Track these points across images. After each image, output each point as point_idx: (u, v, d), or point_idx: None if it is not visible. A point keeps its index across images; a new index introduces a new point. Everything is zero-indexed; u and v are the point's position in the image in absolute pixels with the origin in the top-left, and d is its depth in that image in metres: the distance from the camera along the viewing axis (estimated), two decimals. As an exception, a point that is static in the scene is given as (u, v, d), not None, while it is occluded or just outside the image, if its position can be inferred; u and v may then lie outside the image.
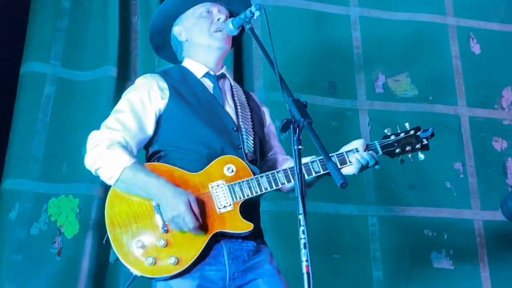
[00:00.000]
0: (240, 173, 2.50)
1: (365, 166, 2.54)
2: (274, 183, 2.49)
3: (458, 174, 4.38)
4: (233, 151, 2.56)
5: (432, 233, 4.21)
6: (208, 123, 2.57)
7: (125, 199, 2.45)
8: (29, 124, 3.91)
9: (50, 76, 4.03)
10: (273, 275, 2.51)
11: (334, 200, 4.16)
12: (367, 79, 4.49)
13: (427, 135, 2.59)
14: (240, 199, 2.46)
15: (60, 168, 3.87)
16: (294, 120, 2.06)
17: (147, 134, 2.58)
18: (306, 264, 1.88)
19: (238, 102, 2.72)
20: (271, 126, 2.90)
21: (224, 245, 2.46)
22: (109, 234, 2.43)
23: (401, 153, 2.60)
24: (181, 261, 2.36)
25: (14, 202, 3.75)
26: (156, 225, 2.41)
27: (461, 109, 4.55)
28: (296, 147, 2.03)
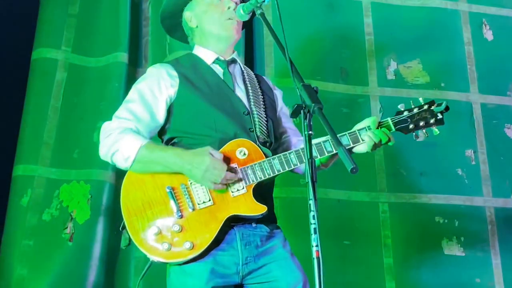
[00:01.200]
0: (252, 156, 2.50)
1: (378, 144, 2.51)
2: (286, 165, 2.48)
3: (469, 161, 4.36)
4: (245, 134, 2.56)
5: (443, 220, 4.20)
6: (219, 108, 2.57)
7: (139, 185, 2.46)
8: (41, 110, 3.93)
9: (61, 62, 4.05)
10: (286, 259, 2.51)
11: (345, 186, 4.16)
12: (378, 66, 4.47)
13: (441, 109, 2.54)
14: (253, 181, 2.46)
15: (71, 154, 3.89)
16: (304, 106, 2.04)
17: (158, 123, 2.59)
18: (316, 249, 1.87)
19: (250, 86, 2.72)
20: (284, 109, 2.89)
21: (237, 231, 2.46)
22: (125, 221, 2.44)
23: (415, 129, 2.56)
24: (196, 246, 2.37)
25: (26, 188, 3.78)
26: (171, 210, 2.42)
27: (473, 96, 4.52)
28: (307, 133, 2.02)
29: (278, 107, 2.86)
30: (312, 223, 1.91)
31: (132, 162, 2.44)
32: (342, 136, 2.51)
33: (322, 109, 2.02)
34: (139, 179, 2.47)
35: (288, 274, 2.47)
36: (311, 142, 2.01)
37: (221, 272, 2.41)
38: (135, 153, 2.42)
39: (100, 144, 2.51)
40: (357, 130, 2.54)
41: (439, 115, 2.56)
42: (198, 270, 2.39)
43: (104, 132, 2.51)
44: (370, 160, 4.23)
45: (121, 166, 2.49)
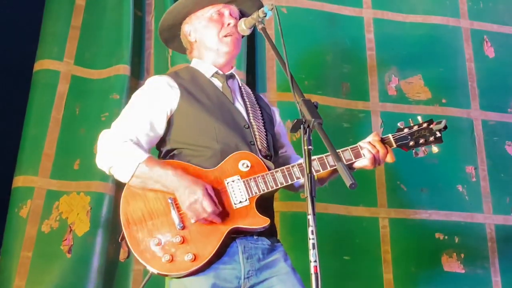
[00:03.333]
0: (255, 168, 2.50)
1: (377, 158, 2.52)
2: (289, 178, 2.48)
3: (470, 177, 4.35)
4: (246, 147, 2.56)
5: (443, 237, 4.18)
6: (221, 120, 2.57)
7: (140, 196, 2.45)
8: (42, 121, 3.93)
9: (63, 73, 4.05)
10: (288, 273, 2.50)
11: (345, 201, 4.15)
12: (380, 81, 4.47)
13: (440, 128, 2.60)
14: (256, 194, 2.46)
15: (72, 166, 3.88)
16: (304, 120, 2.05)
17: (158, 134, 2.58)
18: (314, 264, 1.87)
19: (248, 100, 2.72)
20: (281, 125, 2.91)
21: (239, 243, 2.45)
22: (124, 232, 2.42)
23: (415, 146, 2.62)
24: (198, 258, 2.36)
25: (25, 199, 3.77)
26: (172, 221, 2.40)
27: (474, 113, 4.52)
28: (307, 147, 2.02)
29: (276, 123, 2.86)
30: (310, 238, 1.91)
31: (130, 178, 2.43)
32: (344, 151, 2.53)
33: (321, 124, 2.02)
34: (139, 190, 2.46)
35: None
36: (310, 156, 2.01)
37: (222, 286, 2.39)
38: (134, 169, 2.42)
39: (98, 153, 2.50)
40: (359, 145, 2.55)
41: (437, 134, 2.61)
42: (198, 284, 2.38)
43: (102, 141, 2.50)
44: (370, 175, 4.22)
45: (119, 179, 2.48)
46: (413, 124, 2.62)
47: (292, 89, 2.18)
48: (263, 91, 4.15)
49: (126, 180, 2.45)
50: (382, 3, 4.66)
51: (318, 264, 1.86)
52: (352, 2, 4.63)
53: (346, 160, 2.52)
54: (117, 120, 2.56)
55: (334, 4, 4.57)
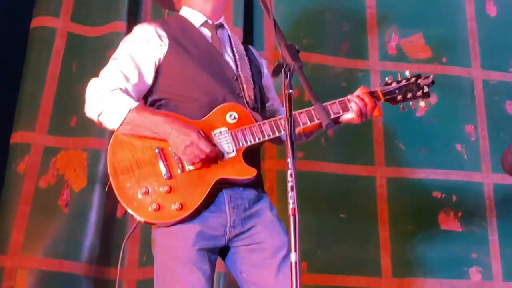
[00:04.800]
0: (242, 120, 2.49)
1: (365, 113, 2.51)
2: (276, 130, 2.48)
3: (469, 136, 4.33)
4: (234, 99, 2.54)
5: (441, 195, 4.17)
6: (209, 71, 2.55)
7: (127, 146, 2.45)
8: (39, 78, 3.94)
9: (60, 30, 4.04)
10: (272, 222, 2.51)
11: (342, 160, 4.15)
12: (380, 40, 4.43)
13: (428, 82, 2.58)
14: (243, 145, 2.45)
15: (69, 123, 3.90)
16: (285, 64, 2.04)
17: (146, 83, 2.56)
18: (293, 206, 1.87)
19: (237, 52, 2.70)
20: (269, 78, 2.88)
21: (226, 194, 2.45)
22: (112, 181, 2.43)
23: (403, 100, 2.60)
24: (185, 207, 2.37)
25: (23, 155, 3.80)
26: (159, 171, 2.41)
27: (475, 72, 4.47)
28: (287, 91, 2.01)
29: (263, 75, 2.85)
30: (289, 181, 1.90)
31: (120, 124, 2.43)
32: (332, 104, 2.52)
33: (302, 67, 2.01)
34: (127, 140, 2.45)
35: (274, 237, 2.47)
36: (291, 100, 2.00)
37: (208, 233, 2.40)
38: (123, 115, 2.41)
39: (87, 102, 2.49)
40: (346, 98, 2.54)
41: (425, 88, 2.59)
42: (184, 231, 2.39)
43: (91, 89, 2.49)
44: (368, 134, 4.22)
45: (108, 127, 2.48)
46: (401, 78, 2.61)
47: (275, 34, 2.16)
48: (261, 49, 4.12)
49: (115, 127, 2.44)
50: (381, -40, 4.59)
51: (296, 206, 1.86)
52: (351, -41, 4.57)
53: (334, 113, 2.51)
54: (105, 68, 2.55)
55: (334, -38, 4.52)
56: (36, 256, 3.65)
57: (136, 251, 3.77)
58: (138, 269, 3.76)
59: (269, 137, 2.48)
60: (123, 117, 2.41)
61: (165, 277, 2.43)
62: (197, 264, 2.38)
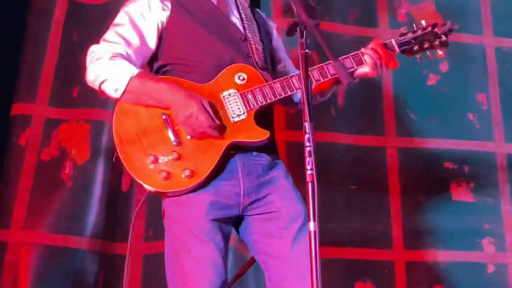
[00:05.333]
0: (252, 80, 2.38)
1: (381, 65, 2.40)
2: (288, 88, 2.36)
3: (481, 105, 4.23)
4: (243, 60, 2.43)
5: (452, 166, 4.09)
6: (215, 33, 2.44)
7: (132, 114, 2.34)
8: (39, 48, 3.83)
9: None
10: (288, 190, 2.40)
11: (352, 130, 4.05)
12: (389, 7, 4.31)
13: (446, 30, 2.47)
14: (254, 106, 2.34)
15: (71, 93, 3.79)
16: (301, 23, 1.92)
17: (149, 48, 2.45)
18: (311, 172, 1.76)
19: (244, 14, 2.59)
20: (279, 40, 2.77)
21: (238, 160, 2.34)
22: (118, 151, 2.32)
23: (420, 50, 2.48)
24: (196, 174, 2.26)
25: (24, 127, 3.70)
26: (167, 138, 2.30)
27: (487, 39, 4.36)
28: (303, 51, 1.90)
29: (273, 37, 2.73)
30: (307, 146, 1.79)
31: (122, 93, 2.32)
32: (345, 58, 2.41)
33: (319, 25, 1.89)
34: (132, 108, 2.34)
35: (290, 205, 2.36)
36: (307, 61, 1.89)
37: (221, 203, 2.30)
38: (125, 83, 2.30)
39: (88, 69, 2.38)
40: (360, 52, 2.43)
41: (443, 37, 2.47)
42: (196, 201, 2.28)
43: (92, 56, 2.38)
44: (378, 104, 4.12)
45: (110, 96, 2.37)
46: (416, 28, 2.49)
47: (288, -11, 2.04)
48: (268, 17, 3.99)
49: (118, 95, 2.33)
50: None
51: (314, 172, 1.75)
52: None
53: (348, 68, 2.39)
54: (106, 34, 2.44)
55: None
56: (39, 231, 3.57)
57: (141, 226, 3.68)
58: (144, 243, 3.67)
59: (280, 96, 2.37)
60: (124, 85, 2.30)
61: (176, 249, 2.32)
62: (210, 235, 2.27)
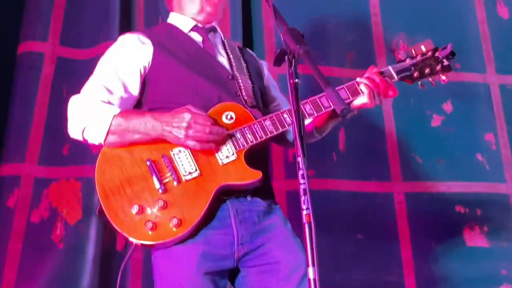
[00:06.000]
0: (240, 119, 2.25)
1: (378, 95, 2.25)
2: (279, 125, 2.23)
3: (490, 145, 4.08)
4: (231, 98, 2.32)
5: (464, 209, 3.91)
6: (200, 73, 2.34)
7: (116, 162, 2.21)
8: (28, 106, 3.69)
9: (48, 55, 3.80)
10: (287, 238, 2.24)
11: (356, 177, 3.88)
12: (387, 48, 4.19)
13: (447, 54, 2.33)
14: (243, 146, 2.21)
15: (60, 151, 3.63)
16: (289, 51, 1.78)
17: (131, 95, 2.35)
18: (307, 212, 1.60)
19: (231, 54, 2.48)
20: (271, 78, 2.66)
21: (231, 206, 2.20)
22: (102, 204, 2.18)
23: (420, 77, 2.37)
24: (184, 222, 2.11)
25: (13, 189, 3.53)
26: (152, 186, 2.16)
27: (490, 77, 4.25)
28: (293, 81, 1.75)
29: (264, 76, 2.62)
30: (301, 183, 1.63)
31: (106, 135, 2.18)
32: (340, 89, 2.26)
33: (309, 52, 1.75)
34: (115, 155, 2.21)
35: (289, 255, 2.20)
36: (297, 91, 1.74)
37: (214, 254, 2.14)
38: (108, 123, 2.17)
39: (69, 119, 2.28)
40: (355, 81, 2.28)
41: (445, 61, 2.34)
42: (187, 253, 2.13)
43: (72, 107, 2.28)
44: (382, 148, 3.96)
45: (94, 142, 2.24)
46: (415, 53, 2.34)
47: (275, 20, 1.91)
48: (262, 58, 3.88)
49: (101, 140, 2.21)
50: (384, -34, 4.38)
51: (311, 212, 1.59)
52: (352, -32, 4.35)
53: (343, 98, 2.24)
54: (86, 84, 2.34)
55: (334, -29, 4.30)
56: (30, 297, 3.35)
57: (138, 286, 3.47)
58: (142, 305, 3.46)
59: (271, 134, 2.23)
60: (108, 125, 2.18)
61: (166, 308, 2.14)
62: (203, 292, 2.09)
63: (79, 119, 2.24)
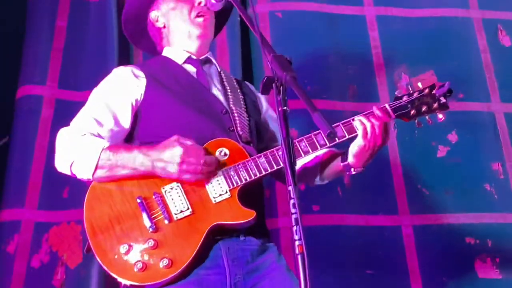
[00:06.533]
0: (234, 156, 2.20)
1: (372, 133, 2.18)
2: (274, 163, 2.17)
3: (497, 175, 4.00)
4: (224, 134, 2.27)
5: (474, 241, 3.81)
6: (193, 107, 2.29)
7: (105, 198, 2.16)
8: (27, 150, 3.66)
9: (47, 98, 3.79)
10: (280, 274, 2.17)
11: (363, 211, 3.81)
12: (389, 80, 4.15)
13: (444, 92, 2.28)
14: (237, 184, 2.15)
15: (61, 194, 3.60)
16: (276, 78, 1.74)
17: (122, 128, 2.31)
18: (299, 243, 1.54)
19: (228, 86, 2.43)
20: (270, 111, 2.61)
21: (223, 245, 2.13)
22: (90, 242, 2.12)
23: (417, 115, 2.32)
24: (175, 263, 2.04)
25: (13, 234, 3.49)
26: (143, 224, 2.10)
27: (495, 106, 4.19)
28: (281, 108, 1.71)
29: (262, 110, 2.58)
30: (293, 213, 1.57)
31: (94, 170, 2.12)
32: (336, 127, 2.21)
33: (296, 78, 1.71)
34: (104, 192, 2.16)
35: (283, 291, 2.11)
36: (287, 119, 1.69)
37: None
38: (97, 158, 2.12)
39: (56, 153, 2.22)
40: (351, 119, 2.24)
41: (442, 99, 2.28)
42: (178, 295, 2.04)
43: (60, 139, 2.22)
44: (388, 180, 3.89)
45: (82, 177, 2.19)
46: (412, 91, 2.29)
47: (262, 47, 1.87)
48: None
49: (89, 174, 2.16)
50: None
51: (303, 243, 1.53)
52: (352, 0, 4.34)
53: (339, 137, 2.20)
54: (76, 116, 2.29)
55: (333, 5, 4.29)
56: None
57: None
58: None
59: (266, 172, 2.18)
60: (96, 160, 2.12)
61: None
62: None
63: (67, 152, 2.19)
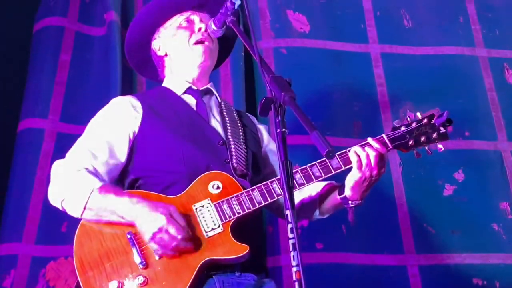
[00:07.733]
0: (228, 189, 2.15)
1: (367, 164, 2.12)
2: (268, 195, 2.12)
3: (505, 214, 3.93)
4: (220, 167, 2.22)
5: (482, 282, 3.73)
6: (190, 140, 2.25)
7: (95, 235, 2.12)
8: (26, 183, 3.61)
9: (48, 131, 3.75)
10: None
11: (368, 249, 3.73)
12: (394, 117, 4.10)
13: (443, 121, 2.24)
14: (230, 218, 2.09)
15: (59, 229, 3.52)
16: (275, 99, 1.69)
17: (119, 161, 2.26)
18: (297, 269, 1.47)
19: (227, 117, 2.39)
20: (271, 145, 2.55)
21: (217, 281, 2.06)
22: (79, 280, 2.08)
23: (416, 145, 2.27)
24: None
25: (9, 269, 3.42)
26: (133, 260, 2.05)
27: (501, 144, 4.13)
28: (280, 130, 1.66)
29: (263, 143, 2.54)
30: (290, 238, 1.51)
31: (83, 210, 2.08)
32: None
33: (294, 98, 1.67)
34: (94, 228, 2.12)
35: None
36: (285, 141, 1.65)
37: None
38: (85, 199, 2.08)
39: (49, 187, 2.19)
40: (347, 150, 2.19)
41: (441, 129, 2.24)
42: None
43: (54, 172, 2.19)
44: (393, 219, 3.81)
45: (72, 215, 2.14)
46: (411, 121, 2.24)
47: (261, 68, 1.84)
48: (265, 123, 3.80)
49: (78, 214, 2.12)
50: (388, 37, 4.36)
51: (301, 269, 1.47)
52: (356, 38, 4.33)
53: (334, 168, 2.16)
54: (72, 148, 2.25)
55: (338, 42, 4.27)
56: None
57: None
58: None
59: (260, 205, 2.13)
60: (85, 201, 2.08)
61: None
62: None
63: (59, 188, 2.17)
